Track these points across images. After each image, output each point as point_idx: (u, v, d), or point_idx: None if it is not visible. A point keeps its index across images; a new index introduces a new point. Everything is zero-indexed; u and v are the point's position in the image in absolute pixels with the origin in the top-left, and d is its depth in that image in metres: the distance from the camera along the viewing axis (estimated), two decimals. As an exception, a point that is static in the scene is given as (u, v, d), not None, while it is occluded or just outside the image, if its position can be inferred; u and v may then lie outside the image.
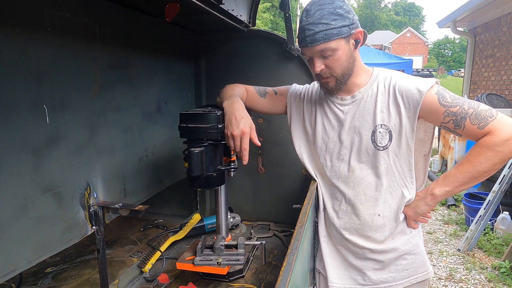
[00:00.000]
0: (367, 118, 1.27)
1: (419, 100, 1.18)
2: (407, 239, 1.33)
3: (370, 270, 1.34)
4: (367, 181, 1.29)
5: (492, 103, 5.57)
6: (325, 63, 1.21)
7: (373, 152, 1.26)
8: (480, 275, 3.33)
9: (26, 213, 0.99)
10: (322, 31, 1.14)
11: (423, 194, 1.29)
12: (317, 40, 1.16)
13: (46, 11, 1.02)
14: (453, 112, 1.16)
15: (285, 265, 0.83)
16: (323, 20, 1.14)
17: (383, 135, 1.24)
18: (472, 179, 1.19)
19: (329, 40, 1.15)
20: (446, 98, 1.18)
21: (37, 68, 1.01)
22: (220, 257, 1.45)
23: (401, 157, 1.27)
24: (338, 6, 1.15)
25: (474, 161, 1.16)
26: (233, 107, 1.27)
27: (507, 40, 6.45)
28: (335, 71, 1.22)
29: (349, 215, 1.33)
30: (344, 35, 1.16)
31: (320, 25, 1.14)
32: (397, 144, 1.25)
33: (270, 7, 28.79)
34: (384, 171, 1.26)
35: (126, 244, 1.83)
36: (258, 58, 1.97)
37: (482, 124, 1.13)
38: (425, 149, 1.36)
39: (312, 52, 1.20)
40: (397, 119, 1.23)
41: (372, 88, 1.28)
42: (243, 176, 2.10)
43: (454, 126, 1.18)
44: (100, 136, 1.28)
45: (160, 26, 1.65)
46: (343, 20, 1.15)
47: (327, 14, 1.14)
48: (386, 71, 1.32)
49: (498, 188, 3.70)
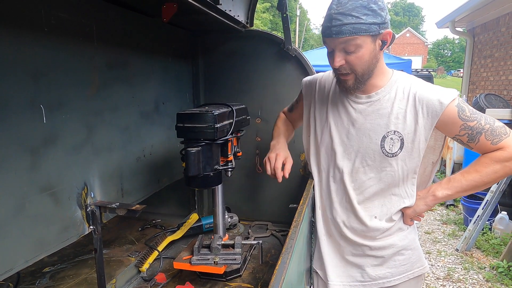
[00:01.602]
0: (379, 122, 1.23)
1: (439, 112, 1.17)
2: (404, 235, 1.34)
3: (368, 267, 1.35)
4: (369, 184, 1.28)
5: (491, 103, 5.57)
6: (346, 59, 1.14)
7: (380, 157, 1.24)
8: (478, 275, 3.34)
9: (23, 212, 1.00)
10: (351, 24, 1.07)
11: (424, 194, 1.30)
12: (343, 32, 1.08)
13: (43, 11, 1.02)
14: (470, 126, 1.17)
15: (280, 264, 0.84)
16: (354, 12, 1.07)
17: (394, 142, 1.22)
18: (474, 188, 1.22)
19: (356, 34, 1.08)
20: (465, 112, 1.17)
21: (34, 67, 1.01)
22: (217, 257, 1.46)
23: (410, 166, 1.25)
24: (373, 1, 1.08)
25: (481, 171, 1.18)
26: (276, 147, 1.47)
27: (506, 40, 6.46)
28: (356, 69, 1.16)
29: (348, 214, 1.33)
30: (372, 32, 1.09)
31: (350, 17, 1.07)
32: (408, 153, 1.23)
33: (269, 7, 28.80)
34: (389, 177, 1.25)
35: (124, 243, 1.83)
36: (256, 58, 1.98)
37: (496, 140, 1.16)
38: (434, 156, 1.34)
39: (335, 44, 1.14)
40: (412, 128, 1.20)
41: (390, 92, 1.24)
42: (241, 176, 2.11)
43: (468, 140, 1.19)
44: (98, 135, 1.29)
45: (158, 26, 1.65)
46: (375, 17, 1.08)
47: (360, 7, 1.07)
48: (406, 77, 1.28)
49: (496, 188, 3.71)
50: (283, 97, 1.96)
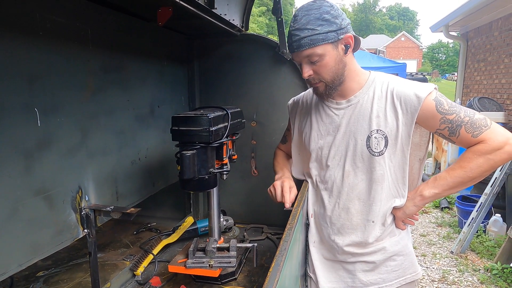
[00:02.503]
0: (362, 123, 1.26)
1: (417, 106, 1.19)
2: (396, 240, 1.34)
3: (360, 272, 1.35)
4: (361, 187, 1.29)
5: (484, 106, 5.63)
6: (313, 69, 1.21)
7: (368, 157, 1.26)
8: (472, 277, 3.36)
9: (16, 215, 0.99)
10: (308, 37, 1.15)
11: (412, 195, 1.30)
12: (302, 46, 1.16)
13: (38, 15, 1.03)
14: (450, 119, 1.18)
15: (273, 266, 0.84)
16: (308, 25, 1.15)
17: (378, 140, 1.24)
18: (461, 184, 1.21)
19: (314, 45, 1.15)
20: (443, 105, 1.19)
21: (29, 71, 1.02)
22: (212, 260, 1.46)
23: (396, 164, 1.26)
24: (325, 11, 1.15)
25: (465, 166, 1.18)
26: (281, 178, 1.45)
27: (498, 44, 6.53)
28: (323, 76, 1.22)
29: (342, 221, 1.33)
30: (330, 40, 1.16)
31: (306, 31, 1.15)
32: (393, 150, 1.24)
33: (266, 11, 28.92)
34: (379, 177, 1.26)
35: (119, 247, 1.83)
36: (251, 62, 1.99)
37: (476, 133, 1.16)
38: (420, 153, 1.36)
39: (300, 58, 1.21)
40: (394, 125, 1.22)
41: (368, 93, 1.27)
42: (237, 179, 2.11)
43: (449, 134, 1.20)
44: (92, 139, 1.29)
45: (153, 30, 1.66)
46: (330, 26, 1.15)
47: (313, 20, 1.15)
48: (383, 76, 1.31)
49: (490, 190, 3.74)
50: (278, 101, 1.97)
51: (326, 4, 1.17)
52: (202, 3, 1.38)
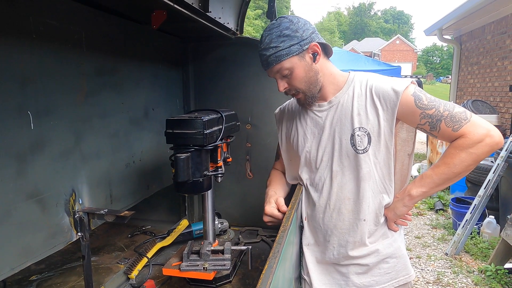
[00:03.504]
0: (344, 122, 1.29)
1: (396, 101, 1.21)
2: (389, 243, 1.35)
3: (353, 274, 1.35)
4: (350, 186, 1.30)
5: (478, 109, 5.69)
6: (287, 82, 1.27)
7: (354, 156, 1.28)
8: (467, 279, 3.38)
9: (9, 219, 0.99)
10: (273, 54, 1.21)
11: (401, 195, 1.32)
12: (270, 63, 1.23)
13: (31, 18, 1.03)
14: (429, 114, 1.19)
15: (266, 268, 0.84)
16: (272, 44, 1.21)
17: (361, 138, 1.26)
18: (447, 180, 1.22)
19: (280, 61, 1.22)
20: (422, 100, 1.20)
21: (21, 74, 1.01)
22: (206, 263, 1.45)
23: (381, 160, 1.28)
24: (285, 27, 1.21)
25: (449, 163, 1.19)
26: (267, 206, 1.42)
27: (491, 48, 6.61)
28: (298, 87, 1.27)
29: (334, 221, 1.34)
30: (295, 53, 1.21)
31: (270, 49, 1.22)
32: (377, 147, 1.26)
33: (261, 14, 29.02)
34: (366, 175, 1.27)
35: (113, 250, 1.82)
36: (246, 65, 1.99)
37: (456, 127, 1.17)
38: (408, 148, 1.38)
39: (272, 74, 1.28)
40: (375, 121, 1.25)
41: (348, 92, 1.30)
42: (231, 181, 2.11)
43: (430, 128, 1.21)
44: (86, 142, 1.29)
45: (147, 33, 1.66)
46: (291, 40, 1.20)
47: (275, 38, 1.21)
48: (363, 74, 1.33)
49: (484, 192, 3.77)
50: (273, 103, 1.97)
51: (285, 20, 1.23)
52: (196, 7, 1.38)
